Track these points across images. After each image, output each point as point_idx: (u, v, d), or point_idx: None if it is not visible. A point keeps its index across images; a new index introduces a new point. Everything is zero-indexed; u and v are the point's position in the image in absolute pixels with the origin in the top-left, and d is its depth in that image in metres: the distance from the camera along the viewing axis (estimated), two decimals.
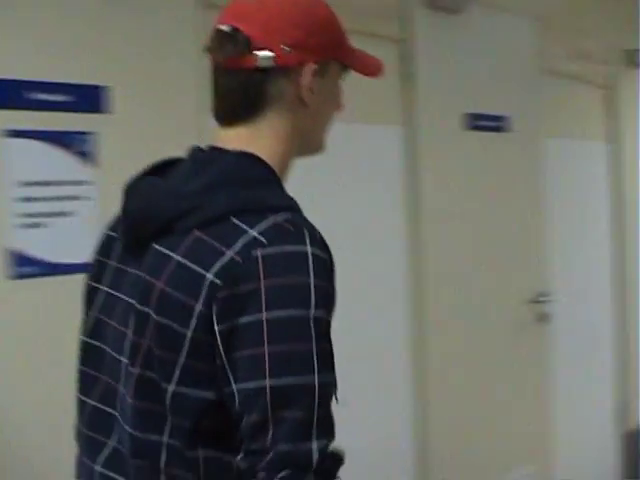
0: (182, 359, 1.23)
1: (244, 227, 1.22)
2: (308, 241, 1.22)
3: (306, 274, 1.20)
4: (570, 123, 4.52)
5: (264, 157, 1.33)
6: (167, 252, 1.26)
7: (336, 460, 1.23)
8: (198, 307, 1.21)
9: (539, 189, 4.04)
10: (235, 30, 1.31)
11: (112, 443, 1.34)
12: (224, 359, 1.21)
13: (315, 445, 1.18)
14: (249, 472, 1.19)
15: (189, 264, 1.23)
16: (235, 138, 1.35)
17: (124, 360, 1.31)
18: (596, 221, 4.83)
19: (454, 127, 3.66)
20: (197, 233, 1.24)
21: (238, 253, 1.21)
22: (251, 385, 1.18)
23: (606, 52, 4.88)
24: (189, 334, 1.22)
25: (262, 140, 1.35)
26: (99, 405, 1.38)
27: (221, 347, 1.21)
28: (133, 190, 1.36)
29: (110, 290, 1.39)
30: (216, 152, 1.35)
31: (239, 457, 1.21)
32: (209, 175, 1.29)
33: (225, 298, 1.20)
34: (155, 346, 1.25)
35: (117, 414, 1.33)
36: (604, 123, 4.93)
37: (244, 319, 1.19)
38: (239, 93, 1.34)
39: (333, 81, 1.41)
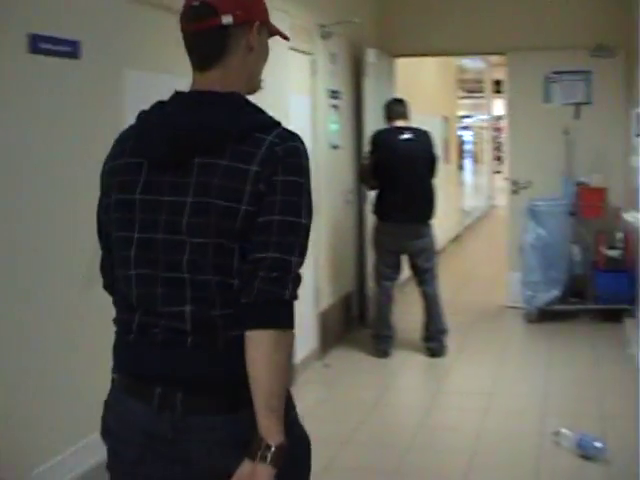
0: (238, 224, 1.86)
1: (264, 136, 1.90)
2: (298, 140, 1.94)
3: (301, 158, 1.93)
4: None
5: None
6: (215, 161, 1.88)
7: (301, 278, 1.90)
8: (249, 189, 1.85)
9: (117, 122, 3.70)
10: (202, 3, 1.94)
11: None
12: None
13: (295, 259, 1.87)
14: (250, 271, 1.85)
15: (236, 164, 1.87)
16: (209, 80, 1.97)
17: (185, 238, 1.89)
18: None
19: (16, 49, 3.26)
20: (233, 146, 1.88)
21: (266, 150, 1.88)
22: (266, 217, 1.86)
23: None
24: (243, 208, 1.86)
25: (229, 79, 1.97)
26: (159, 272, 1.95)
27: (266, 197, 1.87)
28: (157, 120, 1.96)
29: (149, 196, 1.93)
30: (209, 94, 1.95)
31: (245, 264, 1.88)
32: (226, 108, 1.92)
33: (267, 176, 1.86)
34: (219, 220, 1.86)
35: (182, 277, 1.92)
36: None
37: (275, 179, 1.87)
38: (209, 46, 1.96)
39: (265, 39, 2.06)
